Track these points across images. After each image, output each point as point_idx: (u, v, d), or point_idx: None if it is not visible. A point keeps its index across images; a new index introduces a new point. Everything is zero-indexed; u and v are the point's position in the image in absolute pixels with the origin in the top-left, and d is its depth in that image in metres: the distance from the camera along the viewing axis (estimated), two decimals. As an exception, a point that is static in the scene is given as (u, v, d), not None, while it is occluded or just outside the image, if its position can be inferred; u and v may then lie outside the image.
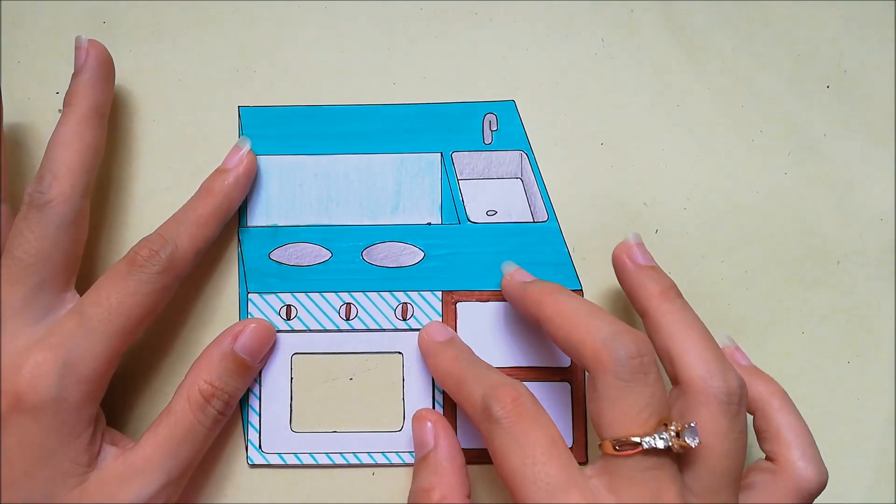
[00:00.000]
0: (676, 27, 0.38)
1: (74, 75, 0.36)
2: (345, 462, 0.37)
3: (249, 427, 0.37)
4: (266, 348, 0.36)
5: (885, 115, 0.38)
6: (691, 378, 0.31)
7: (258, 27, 0.39)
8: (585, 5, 0.39)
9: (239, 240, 0.38)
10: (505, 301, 0.37)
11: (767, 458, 0.33)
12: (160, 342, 0.37)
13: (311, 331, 0.37)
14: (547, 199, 0.38)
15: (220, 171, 0.37)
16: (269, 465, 0.37)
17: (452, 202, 0.38)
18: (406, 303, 0.37)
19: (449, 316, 0.37)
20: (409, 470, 0.37)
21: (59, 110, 0.37)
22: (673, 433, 0.29)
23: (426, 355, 0.36)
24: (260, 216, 0.38)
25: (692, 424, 0.29)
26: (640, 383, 0.29)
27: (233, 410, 0.36)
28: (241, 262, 0.38)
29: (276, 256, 0.37)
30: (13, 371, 0.31)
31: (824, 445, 0.37)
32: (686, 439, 0.29)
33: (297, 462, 0.37)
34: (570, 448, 0.36)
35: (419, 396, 0.37)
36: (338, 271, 0.37)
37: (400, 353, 0.37)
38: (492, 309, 0.37)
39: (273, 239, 0.38)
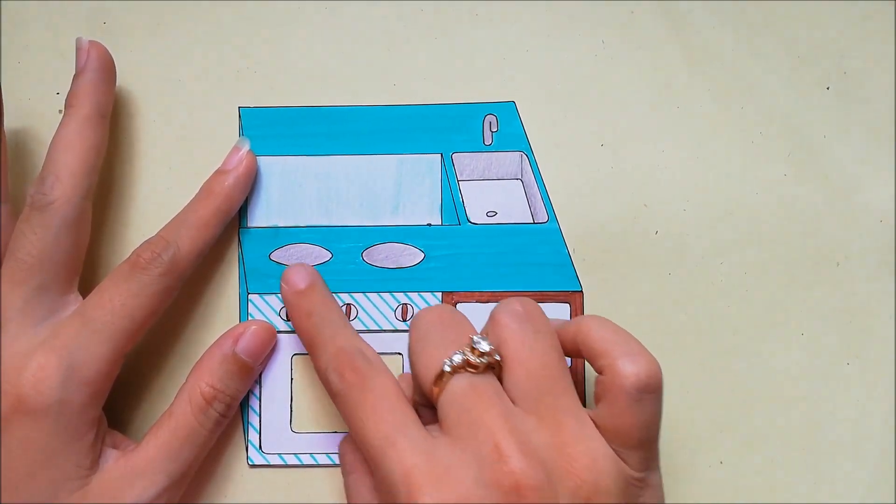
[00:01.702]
0: (676, 27, 0.38)
1: (76, 77, 0.36)
2: (345, 462, 0.37)
3: (249, 427, 0.37)
4: (267, 350, 0.36)
5: (886, 116, 0.38)
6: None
7: (258, 27, 0.39)
8: (585, 5, 0.38)
9: (239, 241, 0.38)
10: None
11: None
12: (161, 343, 0.37)
13: (311, 331, 0.37)
14: (547, 200, 0.38)
15: (219, 173, 0.37)
16: (269, 466, 0.37)
17: (452, 203, 0.38)
18: (406, 304, 0.37)
19: (449, 316, 0.37)
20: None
21: (60, 111, 0.37)
22: (467, 348, 0.30)
23: (286, 306, 0.36)
24: (260, 217, 0.38)
25: (481, 335, 0.31)
26: (434, 335, 0.31)
27: (234, 412, 0.36)
28: (241, 262, 0.38)
29: (277, 257, 0.38)
30: (15, 373, 0.31)
31: (824, 445, 0.37)
32: (475, 346, 0.30)
33: (297, 462, 0.37)
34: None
35: (419, 397, 0.37)
36: (338, 272, 0.37)
37: (400, 353, 0.37)
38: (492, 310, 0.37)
39: (273, 240, 0.38)
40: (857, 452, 0.37)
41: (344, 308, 0.37)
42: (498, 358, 0.31)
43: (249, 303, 0.37)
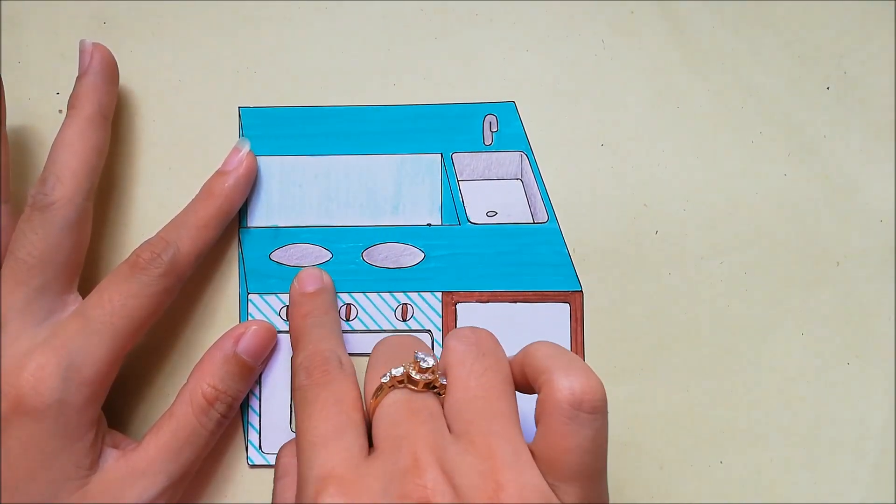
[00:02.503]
0: (676, 27, 0.38)
1: (79, 78, 0.36)
2: (345, 462, 0.37)
3: (249, 428, 0.37)
4: (268, 350, 0.36)
5: (886, 116, 0.38)
6: None
7: (258, 27, 0.39)
8: (585, 5, 0.38)
9: (239, 241, 0.38)
10: (506, 302, 0.37)
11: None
12: (161, 343, 0.37)
13: (311, 331, 0.37)
14: (547, 200, 0.38)
15: (220, 174, 0.37)
16: (269, 466, 0.37)
17: (452, 203, 0.38)
18: (406, 304, 0.37)
19: (449, 317, 0.37)
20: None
21: (61, 111, 0.38)
22: (410, 363, 0.30)
23: (289, 303, 0.36)
24: (260, 217, 0.38)
25: (427, 353, 0.30)
26: (385, 355, 0.32)
27: (235, 413, 0.36)
28: (241, 262, 0.38)
29: (277, 257, 0.38)
30: (15, 373, 0.31)
31: (824, 445, 0.37)
32: (418, 360, 0.30)
33: (298, 462, 0.37)
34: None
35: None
36: (338, 272, 0.37)
37: (400, 353, 0.37)
38: (492, 310, 0.37)
39: (273, 240, 0.38)
40: (857, 452, 0.37)
41: (344, 308, 0.37)
42: (443, 381, 0.30)
43: (249, 303, 0.37)
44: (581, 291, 0.37)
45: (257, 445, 0.37)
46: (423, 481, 0.26)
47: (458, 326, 0.37)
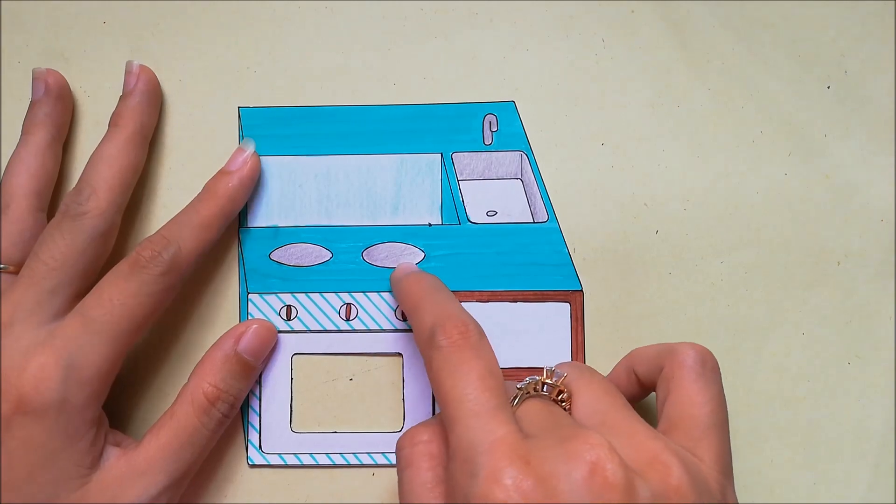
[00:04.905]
0: (676, 27, 0.38)
1: (123, 98, 0.37)
2: (345, 462, 0.37)
3: (250, 427, 0.37)
4: (269, 348, 0.37)
5: (886, 116, 0.38)
6: None
7: (258, 27, 0.39)
8: (585, 5, 0.38)
9: (239, 240, 0.38)
10: (506, 302, 0.37)
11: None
12: (161, 343, 0.37)
13: (311, 331, 0.37)
14: (547, 200, 0.38)
15: (223, 173, 0.37)
16: (269, 466, 0.37)
17: (453, 203, 0.38)
18: (406, 303, 0.37)
19: (449, 316, 0.37)
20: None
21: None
22: (538, 379, 0.32)
23: (392, 284, 0.36)
24: (260, 217, 0.38)
25: (556, 369, 0.33)
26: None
27: (236, 412, 0.36)
28: (241, 262, 0.38)
29: (277, 257, 0.38)
30: (16, 373, 0.31)
31: (824, 445, 0.37)
32: (554, 378, 0.32)
33: (297, 462, 0.37)
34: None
35: (419, 397, 0.37)
36: (338, 272, 0.37)
37: (400, 354, 0.37)
38: (492, 309, 0.37)
39: (273, 239, 0.38)
40: (857, 452, 0.37)
41: (344, 308, 0.37)
42: (566, 394, 0.32)
43: (249, 302, 0.37)
44: (581, 291, 0.37)
45: (257, 445, 0.37)
46: (590, 444, 0.27)
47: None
